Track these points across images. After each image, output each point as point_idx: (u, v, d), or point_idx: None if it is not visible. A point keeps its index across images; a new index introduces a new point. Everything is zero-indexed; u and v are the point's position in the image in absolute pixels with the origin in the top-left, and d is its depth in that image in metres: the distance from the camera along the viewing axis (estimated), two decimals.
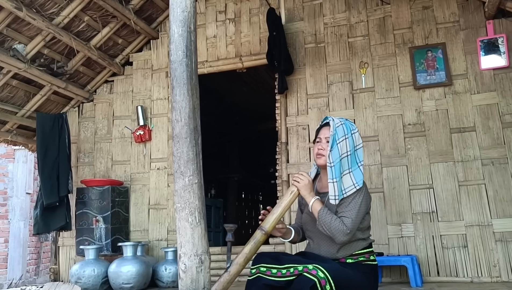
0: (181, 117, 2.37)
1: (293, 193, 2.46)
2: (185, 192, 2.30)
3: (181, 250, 2.26)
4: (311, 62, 4.46)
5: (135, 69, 5.08)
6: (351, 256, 2.43)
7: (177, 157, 2.35)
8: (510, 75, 3.92)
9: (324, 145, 2.52)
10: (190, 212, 2.28)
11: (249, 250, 2.42)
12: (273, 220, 2.44)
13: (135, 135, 4.83)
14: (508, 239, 3.66)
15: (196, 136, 2.39)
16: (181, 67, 2.41)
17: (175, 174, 2.35)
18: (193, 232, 2.26)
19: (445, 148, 3.95)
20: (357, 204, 2.34)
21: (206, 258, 2.28)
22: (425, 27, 4.20)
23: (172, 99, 2.42)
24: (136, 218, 4.74)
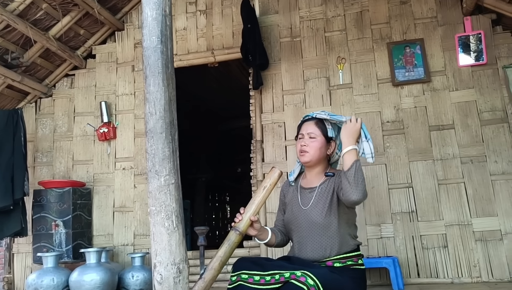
0: (155, 110, 2.13)
1: (266, 188, 2.30)
2: (161, 193, 2.06)
3: (156, 258, 2.03)
4: (286, 57, 4.28)
5: (98, 62, 4.75)
6: (339, 259, 2.27)
7: (151, 155, 2.11)
8: (487, 72, 3.87)
9: (307, 141, 2.37)
10: (166, 216, 2.05)
11: (224, 253, 2.23)
12: (247, 218, 2.28)
13: (98, 133, 4.51)
14: (487, 239, 3.60)
15: (172, 131, 2.16)
16: (156, 54, 2.17)
17: (149, 173, 2.10)
18: (170, 239, 2.03)
19: (424, 146, 3.86)
20: None
21: (185, 267, 2.05)
22: (403, 23, 4.11)
23: (145, 90, 2.18)
24: (99, 222, 4.42)
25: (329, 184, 2.35)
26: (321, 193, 2.34)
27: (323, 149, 2.39)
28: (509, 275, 3.49)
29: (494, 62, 3.87)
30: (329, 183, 2.35)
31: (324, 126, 2.38)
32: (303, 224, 2.33)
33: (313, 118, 2.43)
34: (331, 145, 2.40)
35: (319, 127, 2.38)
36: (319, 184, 2.38)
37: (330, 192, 2.31)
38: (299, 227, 2.36)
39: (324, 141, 2.38)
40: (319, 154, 2.37)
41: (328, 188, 2.33)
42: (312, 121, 2.41)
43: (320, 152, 2.37)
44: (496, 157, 3.71)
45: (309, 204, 2.35)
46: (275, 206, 3.79)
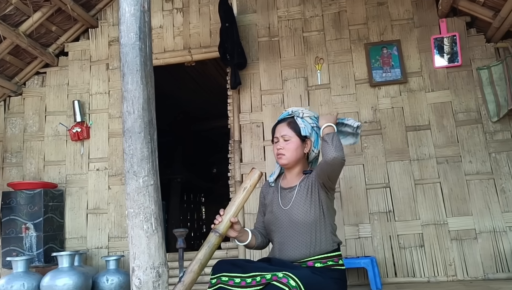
0: (133, 109, 2.06)
1: (246, 189, 2.27)
2: (139, 195, 2.00)
3: (135, 262, 1.96)
4: (265, 57, 4.25)
5: (71, 60, 4.61)
6: (320, 259, 2.26)
7: (129, 155, 2.04)
8: (462, 73, 3.94)
9: (282, 144, 2.35)
10: (145, 218, 1.99)
11: (204, 256, 2.19)
12: (227, 220, 2.24)
13: (71, 133, 4.37)
14: (462, 238, 3.65)
15: (151, 131, 2.10)
16: (134, 51, 2.10)
17: (127, 174, 2.04)
18: (149, 242, 1.97)
19: (401, 146, 3.89)
20: None
21: (164, 271, 1.99)
22: (380, 24, 4.14)
23: (122, 88, 2.11)
24: (72, 224, 4.28)
25: (308, 181, 2.33)
26: (301, 192, 2.32)
27: (299, 149, 2.37)
28: (483, 273, 3.55)
29: (469, 64, 3.94)
30: (308, 179, 2.34)
31: (297, 125, 2.36)
32: (284, 224, 2.30)
33: (285, 119, 2.40)
34: (307, 144, 2.39)
35: (292, 127, 2.36)
36: (298, 183, 2.36)
37: (310, 189, 2.30)
38: (280, 227, 2.34)
39: (299, 141, 2.36)
40: (296, 155, 2.36)
41: (307, 185, 2.32)
42: (284, 123, 2.39)
43: (296, 153, 2.36)
44: (470, 157, 3.78)
45: (289, 204, 2.33)
46: (254, 207, 3.78)
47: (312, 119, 2.40)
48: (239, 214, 3.92)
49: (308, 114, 2.40)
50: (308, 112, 2.40)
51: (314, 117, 2.42)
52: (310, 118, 2.39)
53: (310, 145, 2.40)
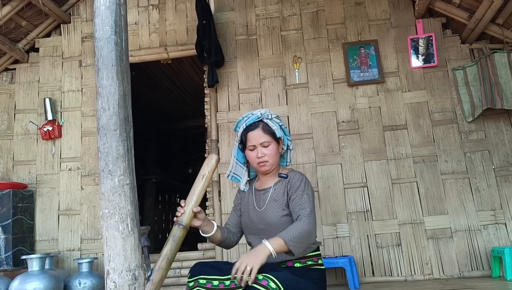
0: (108, 105, 1.98)
1: (205, 177, 2.14)
2: (115, 195, 1.92)
3: (110, 265, 1.88)
4: (242, 55, 4.21)
5: (42, 57, 4.46)
6: (299, 259, 2.21)
7: (104, 153, 1.96)
8: (438, 74, 3.98)
9: (263, 151, 2.26)
10: (120, 219, 1.91)
11: (170, 250, 2.08)
12: (189, 211, 2.13)
13: (42, 132, 4.23)
14: (439, 236, 3.69)
15: (127, 128, 2.02)
16: (109, 45, 2.02)
17: (102, 173, 1.95)
18: (124, 243, 1.89)
19: (378, 146, 3.91)
20: (308, 193, 2.17)
21: (141, 274, 1.92)
22: (358, 23, 4.15)
23: (97, 83, 2.02)
24: (43, 226, 4.13)
25: (282, 185, 2.28)
26: (275, 194, 2.27)
27: (278, 151, 2.31)
28: (459, 272, 3.59)
29: (444, 64, 3.98)
30: (282, 184, 2.28)
31: (271, 128, 2.25)
32: (260, 226, 2.24)
33: (256, 125, 2.26)
34: (280, 144, 2.33)
35: (267, 132, 2.24)
36: (273, 184, 2.31)
37: (284, 192, 2.25)
38: (256, 229, 2.28)
39: (276, 143, 2.29)
40: (277, 158, 2.30)
41: (282, 189, 2.26)
42: (258, 128, 2.25)
43: (277, 156, 2.30)
44: (446, 157, 3.82)
45: (263, 206, 2.27)
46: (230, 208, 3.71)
47: (278, 118, 2.34)
48: (216, 215, 3.87)
49: (275, 114, 2.32)
50: (273, 113, 2.31)
51: (278, 117, 2.35)
52: (277, 118, 2.32)
53: (281, 144, 2.34)
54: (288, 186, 2.23)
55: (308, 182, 2.22)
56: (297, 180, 2.21)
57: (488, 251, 3.58)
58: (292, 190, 2.20)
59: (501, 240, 3.60)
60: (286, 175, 2.27)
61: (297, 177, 2.22)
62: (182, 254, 3.95)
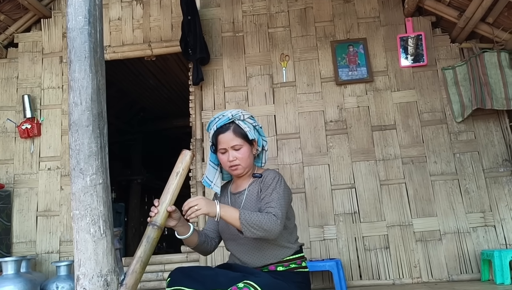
0: (81, 100, 1.86)
1: (179, 174, 2.01)
2: (86, 195, 1.80)
3: (80, 270, 1.76)
4: (228, 52, 4.10)
5: (21, 52, 4.31)
6: (281, 262, 2.11)
7: (75, 151, 1.83)
8: (428, 73, 3.91)
9: (234, 154, 2.14)
10: (92, 221, 1.79)
11: (144, 252, 1.96)
12: (163, 210, 2.00)
13: (20, 130, 4.08)
14: (427, 239, 3.61)
15: (101, 124, 1.90)
16: (82, 36, 1.90)
17: (73, 172, 1.83)
18: (96, 247, 1.77)
19: (366, 146, 3.82)
20: (279, 192, 2.04)
21: (114, 279, 1.80)
22: (347, 21, 4.07)
23: (69, 76, 1.90)
24: (20, 228, 3.98)
25: (256, 185, 2.17)
26: (250, 196, 2.16)
27: (251, 154, 2.19)
28: (448, 275, 3.52)
29: (434, 63, 3.92)
30: (256, 184, 2.17)
31: (243, 130, 2.13)
32: (236, 232, 2.13)
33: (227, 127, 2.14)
34: (254, 146, 2.21)
35: (238, 135, 2.12)
36: (247, 186, 2.20)
37: (259, 192, 2.14)
38: (233, 234, 2.16)
39: (249, 146, 2.17)
40: (250, 161, 2.17)
41: (257, 189, 2.15)
42: (228, 131, 2.12)
43: (250, 159, 2.17)
44: (435, 158, 3.75)
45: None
46: None
47: (252, 119, 2.21)
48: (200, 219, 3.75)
49: (247, 115, 2.19)
50: (246, 113, 2.18)
51: (252, 117, 2.22)
52: (250, 119, 2.20)
53: (256, 145, 2.23)
54: (261, 185, 2.13)
55: (282, 180, 2.11)
56: (270, 179, 2.10)
57: (478, 254, 3.51)
58: (263, 188, 2.09)
59: (490, 242, 3.54)
60: (260, 174, 2.16)
61: (270, 176, 2.11)
62: (165, 257, 3.83)
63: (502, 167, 3.67)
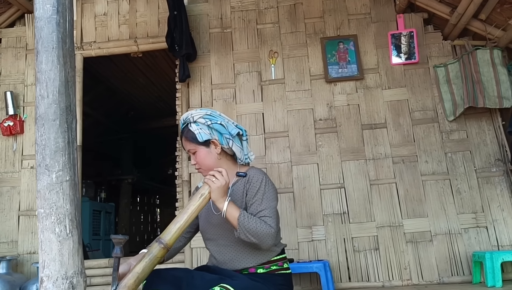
0: (47, 92, 1.76)
1: (204, 196, 1.88)
2: (51, 192, 1.70)
3: (44, 272, 1.67)
4: (216, 49, 4.01)
5: (4, 48, 4.21)
6: (262, 265, 2.02)
7: (40, 146, 1.74)
8: (419, 71, 3.83)
9: (193, 159, 2.06)
10: (57, 220, 1.69)
11: (143, 269, 1.84)
12: (176, 230, 1.89)
13: (2, 127, 3.98)
14: (418, 240, 3.53)
15: (69, 119, 1.80)
16: (50, 26, 1.80)
17: (38, 168, 1.73)
18: (61, 247, 1.67)
19: (356, 145, 3.74)
20: (269, 198, 1.95)
21: (80, 282, 1.70)
22: (337, 18, 3.98)
23: (36, 68, 1.81)
24: (2, 228, 3.88)
25: (241, 184, 2.07)
26: (234, 195, 2.05)
27: (209, 155, 2.07)
28: (438, 277, 3.43)
29: (426, 61, 3.84)
30: (241, 183, 2.08)
31: (193, 133, 2.03)
32: (217, 232, 2.04)
33: (183, 132, 2.06)
34: (213, 145, 2.10)
35: (190, 139, 2.04)
36: (230, 185, 2.09)
37: (243, 193, 2.04)
38: (214, 235, 2.07)
39: (204, 148, 2.06)
40: (209, 162, 2.06)
41: (241, 189, 2.06)
42: (184, 137, 2.06)
43: (208, 161, 2.06)
44: (426, 157, 3.67)
45: None
46: None
47: (205, 117, 2.09)
48: None
49: (199, 115, 2.06)
50: (198, 113, 2.07)
51: (207, 115, 2.11)
52: (202, 118, 2.08)
53: (218, 144, 2.12)
54: (247, 186, 2.02)
55: (269, 182, 2.01)
56: (257, 180, 2.00)
57: (469, 256, 3.43)
58: (251, 192, 1.99)
59: (482, 244, 3.45)
60: (245, 173, 2.06)
61: (256, 177, 2.01)
62: None
63: (495, 167, 3.59)
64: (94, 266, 3.72)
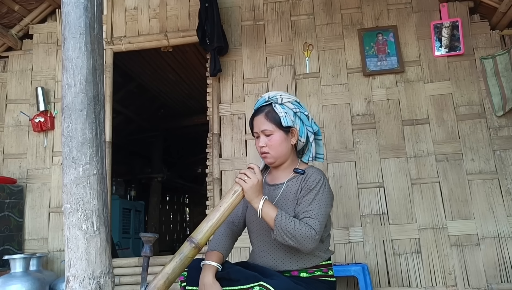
0: (74, 81, 1.66)
1: (237, 193, 1.79)
2: (78, 187, 1.60)
3: (70, 271, 1.56)
4: (248, 42, 3.87)
5: (36, 44, 4.19)
6: (306, 269, 1.87)
7: (67, 138, 1.64)
8: (464, 63, 3.60)
9: (264, 140, 1.92)
10: (84, 216, 1.58)
11: (173, 270, 1.74)
12: (208, 229, 1.78)
13: (33, 123, 3.95)
14: (463, 243, 3.30)
15: (97, 109, 1.69)
16: (77, 10, 1.71)
17: (64, 161, 1.64)
18: (88, 245, 1.57)
19: (396, 142, 3.53)
20: (321, 200, 1.81)
21: (108, 282, 1.59)
22: (375, 8, 3.78)
23: (63, 55, 1.71)
24: (32, 224, 3.85)
25: (297, 182, 1.93)
26: (287, 192, 1.92)
27: (285, 142, 1.93)
28: (486, 284, 3.20)
29: (471, 52, 3.60)
30: (297, 181, 1.93)
31: (277, 114, 1.91)
32: (264, 227, 1.90)
33: (262, 109, 1.94)
34: (292, 134, 1.97)
35: (271, 119, 1.91)
36: (286, 180, 1.96)
37: (298, 191, 1.90)
38: (259, 230, 1.95)
39: (283, 133, 1.92)
40: (282, 150, 1.93)
41: (296, 187, 1.91)
42: (262, 114, 1.93)
43: (282, 148, 1.93)
44: (473, 155, 3.43)
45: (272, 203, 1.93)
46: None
47: (294, 103, 1.96)
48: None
49: (288, 99, 1.95)
50: (288, 96, 1.96)
51: (296, 102, 1.99)
52: (291, 103, 1.96)
53: (296, 134, 1.98)
54: (303, 184, 1.88)
55: (326, 184, 1.86)
56: (314, 180, 1.85)
57: None
58: (304, 190, 1.85)
59: None
60: (303, 170, 1.91)
61: (314, 176, 1.86)
62: None
63: None
64: (124, 265, 3.64)
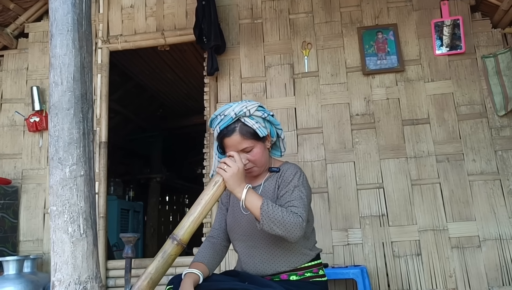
0: (61, 79, 1.61)
1: (218, 184, 1.71)
2: (64, 188, 1.55)
3: (55, 275, 1.51)
4: (246, 41, 3.82)
5: (31, 42, 4.14)
6: (295, 271, 1.82)
7: (54, 138, 1.59)
8: (466, 62, 3.54)
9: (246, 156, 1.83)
10: (71, 218, 1.53)
11: (156, 269, 1.68)
12: (189, 223, 1.71)
13: (28, 123, 3.90)
14: (464, 245, 3.24)
15: (84, 108, 1.64)
16: (65, 6, 1.66)
17: (51, 162, 1.59)
18: (74, 249, 1.51)
19: (396, 142, 3.47)
20: (301, 191, 1.76)
21: (95, 287, 1.54)
22: (375, 6, 3.73)
23: (50, 53, 1.66)
24: (27, 225, 3.80)
25: (273, 180, 1.87)
26: (265, 192, 1.86)
27: (265, 150, 1.87)
28: (488, 286, 3.14)
29: (473, 51, 3.54)
30: (273, 179, 1.88)
31: (250, 128, 1.81)
32: (247, 232, 1.84)
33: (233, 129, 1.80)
34: (267, 139, 1.91)
35: (247, 136, 1.81)
36: (263, 181, 1.90)
37: (275, 189, 1.85)
38: (242, 236, 1.88)
39: (261, 144, 1.84)
40: (265, 159, 1.87)
41: (273, 185, 1.86)
42: (234, 134, 1.80)
43: (265, 157, 1.86)
44: (474, 156, 3.37)
45: None
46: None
47: (259, 110, 1.88)
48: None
49: (253, 106, 1.84)
50: (252, 104, 1.85)
51: (260, 107, 1.90)
52: (257, 111, 1.85)
53: (269, 138, 1.92)
54: (280, 180, 1.83)
55: (303, 176, 1.81)
56: (290, 174, 1.80)
57: None
58: (282, 185, 1.80)
59: None
60: (278, 168, 1.86)
61: (290, 171, 1.82)
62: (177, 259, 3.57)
63: None
64: (120, 267, 3.59)
